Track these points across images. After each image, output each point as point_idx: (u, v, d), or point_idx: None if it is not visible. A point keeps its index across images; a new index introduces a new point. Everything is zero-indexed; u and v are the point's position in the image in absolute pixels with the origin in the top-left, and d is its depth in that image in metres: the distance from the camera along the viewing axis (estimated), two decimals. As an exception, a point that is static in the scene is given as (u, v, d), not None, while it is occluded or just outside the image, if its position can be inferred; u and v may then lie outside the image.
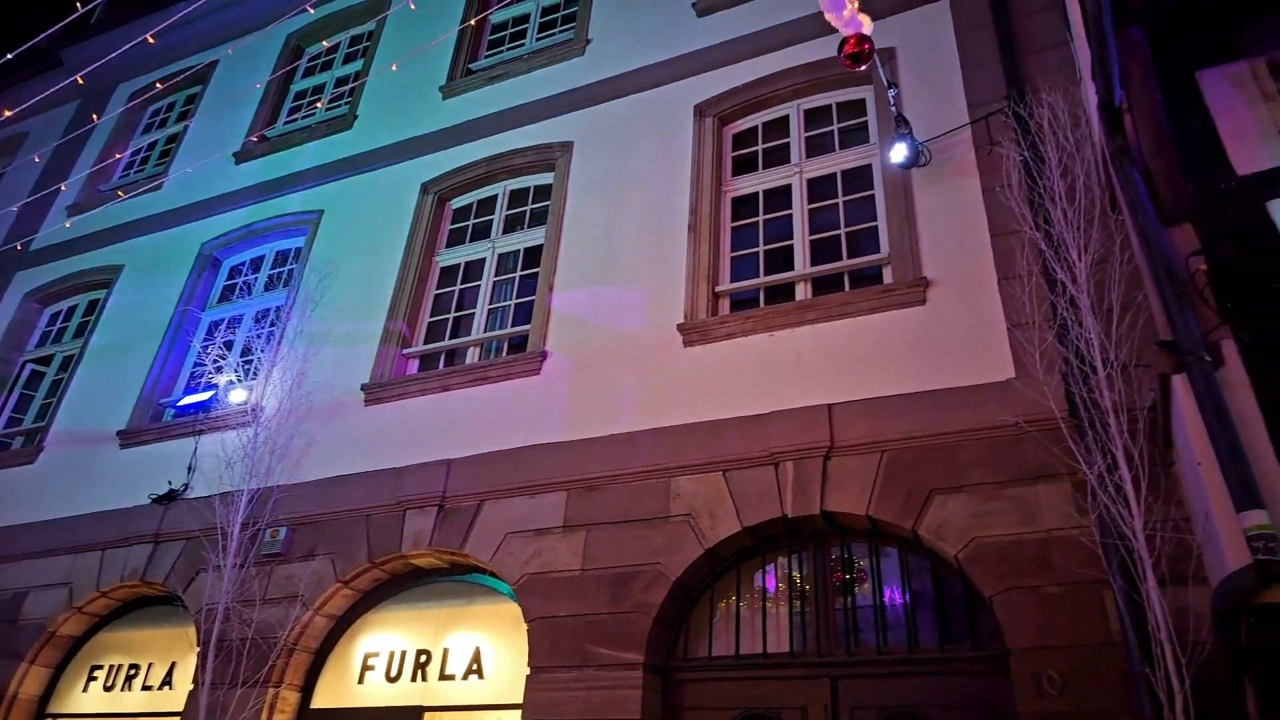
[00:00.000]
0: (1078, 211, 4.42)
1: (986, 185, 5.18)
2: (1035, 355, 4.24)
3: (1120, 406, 3.82)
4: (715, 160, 6.35)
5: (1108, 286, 4.19)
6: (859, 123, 6.16)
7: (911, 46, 6.07)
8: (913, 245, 5.19)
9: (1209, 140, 3.91)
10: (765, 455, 4.80)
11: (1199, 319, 3.49)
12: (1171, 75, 4.09)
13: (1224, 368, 3.34)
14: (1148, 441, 3.77)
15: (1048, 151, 4.71)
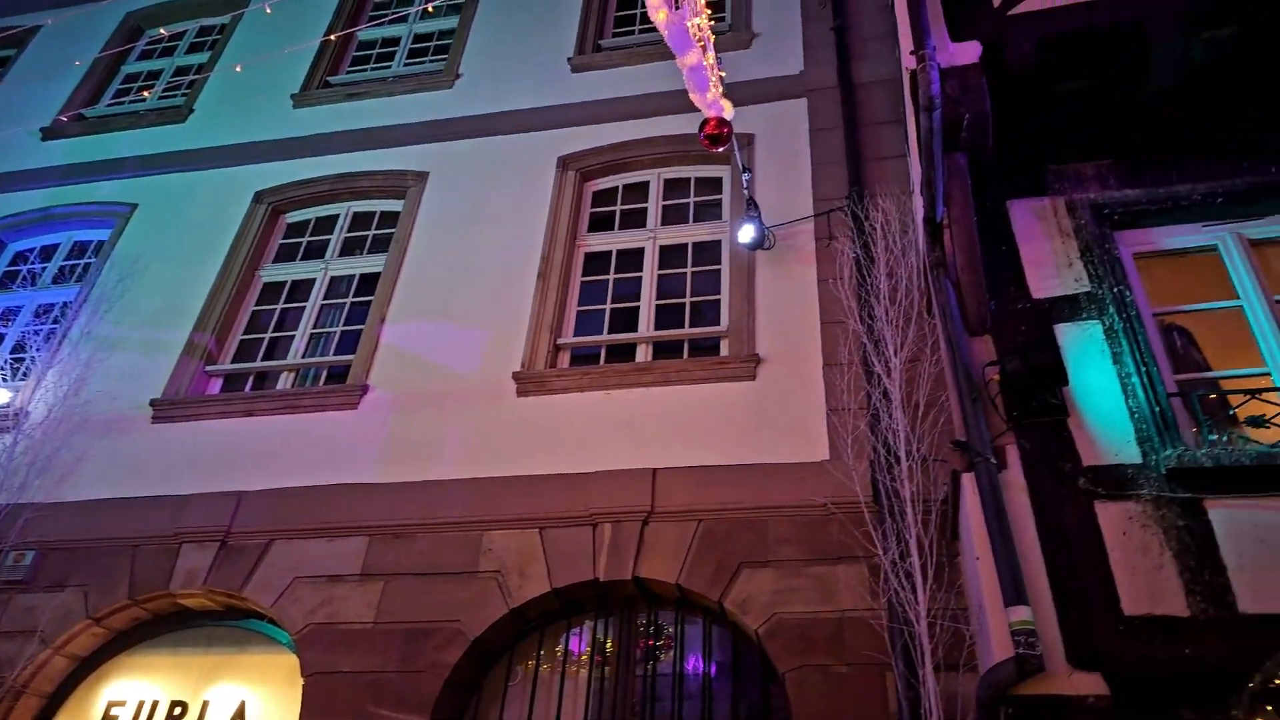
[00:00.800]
0: (898, 311, 4.77)
1: (822, 275, 5.50)
2: (848, 440, 4.49)
3: (917, 497, 4.08)
4: (573, 213, 6.40)
5: (917, 384, 4.51)
6: (714, 199, 6.42)
7: (769, 136, 6.44)
8: (750, 322, 5.41)
9: (1013, 263, 4.36)
10: (585, 515, 4.74)
11: (989, 424, 3.82)
12: (987, 201, 4.54)
13: (1006, 470, 3.65)
14: (938, 532, 4.04)
15: (878, 252, 5.07)
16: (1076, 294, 4.09)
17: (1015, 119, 4.38)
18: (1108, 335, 3.89)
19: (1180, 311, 4.07)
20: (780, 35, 7.07)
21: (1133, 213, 4.29)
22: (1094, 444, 3.60)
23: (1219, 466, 3.31)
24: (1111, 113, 4.32)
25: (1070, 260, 4.23)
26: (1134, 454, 3.51)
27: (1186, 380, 3.82)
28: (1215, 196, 4.17)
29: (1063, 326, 4.02)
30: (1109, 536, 3.32)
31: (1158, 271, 4.29)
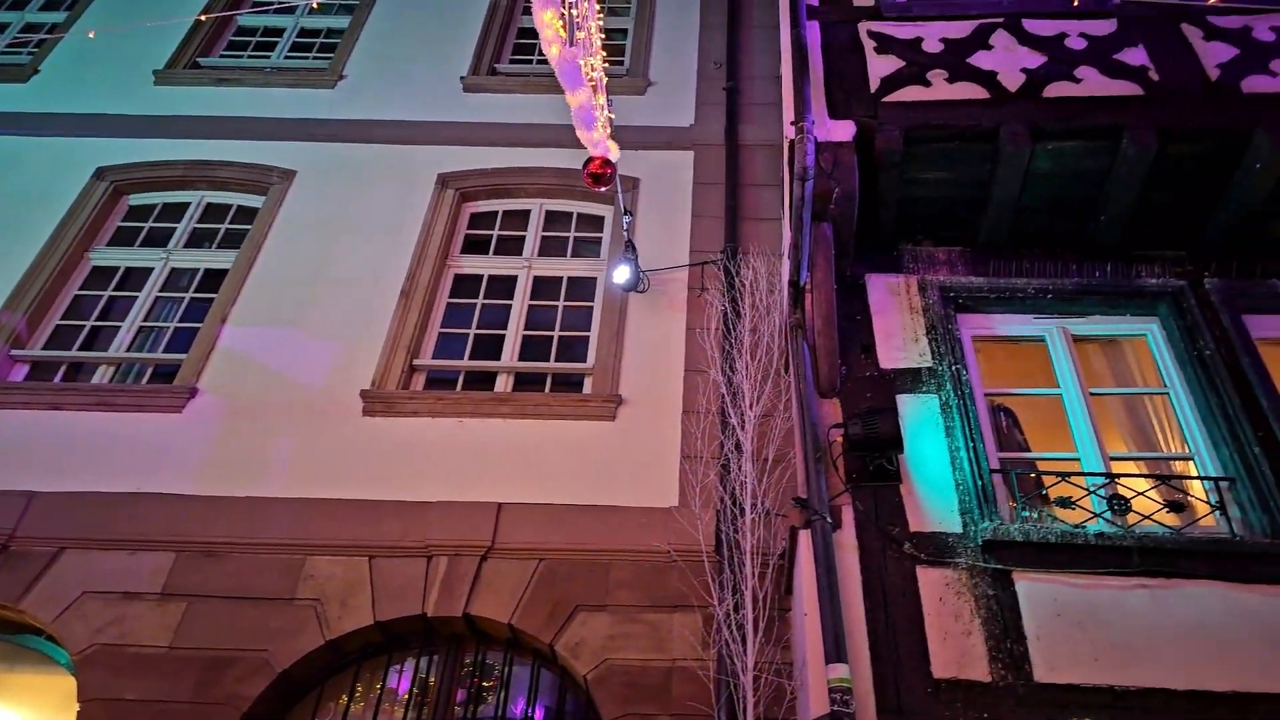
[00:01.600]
0: (758, 366, 4.90)
1: (690, 324, 5.60)
2: (697, 489, 4.53)
3: (758, 550, 4.16)
4: (448, 233, 6.26)
5: (768, 438, 4.63)
6: (594, 237, 6.45)
7: (654, 183, 6.55)
8: (616, 363, 5.41)
9: (866, 332, 4.58)
10: (420, 546, 4.54)
11: (830, 483, 3.96)
12: (848, 271, 4.78)
13: (840, 530, 3.78)
14: (773, 586, 4.12)
15: (744, 308, 5.22)
16: (919, 368, 4.34)
17: (880, 198, 4.65)
18: (943, 409, 4.14)
19: (1008, 394, 4.39)
20: (675, 88, 7.27)
21: (975, 298, 4.62)
22: (921, 511, 3.79)
23: (1028, 541, 3.55)
24: (965, 204, 4.66)
25: (917, 336, 4.50)
26: (955, 524, 3.72)
27: (1008, 458, 4.11)
28: (1046, 292, 4.56)
29: (904, 397, 4.24)
30: (927, 601, 3.48)
31: (992, 354, 4.63)
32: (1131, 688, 3.18)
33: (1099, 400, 4.29)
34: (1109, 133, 4.27)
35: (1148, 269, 4.55)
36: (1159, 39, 4.66)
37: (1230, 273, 4.46)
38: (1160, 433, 4.22)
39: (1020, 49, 4.76)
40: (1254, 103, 4.24)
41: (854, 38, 5.02)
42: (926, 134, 4.45)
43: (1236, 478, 3.74)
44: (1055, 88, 4.50)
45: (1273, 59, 4.44)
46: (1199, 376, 4.08)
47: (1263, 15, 4.66)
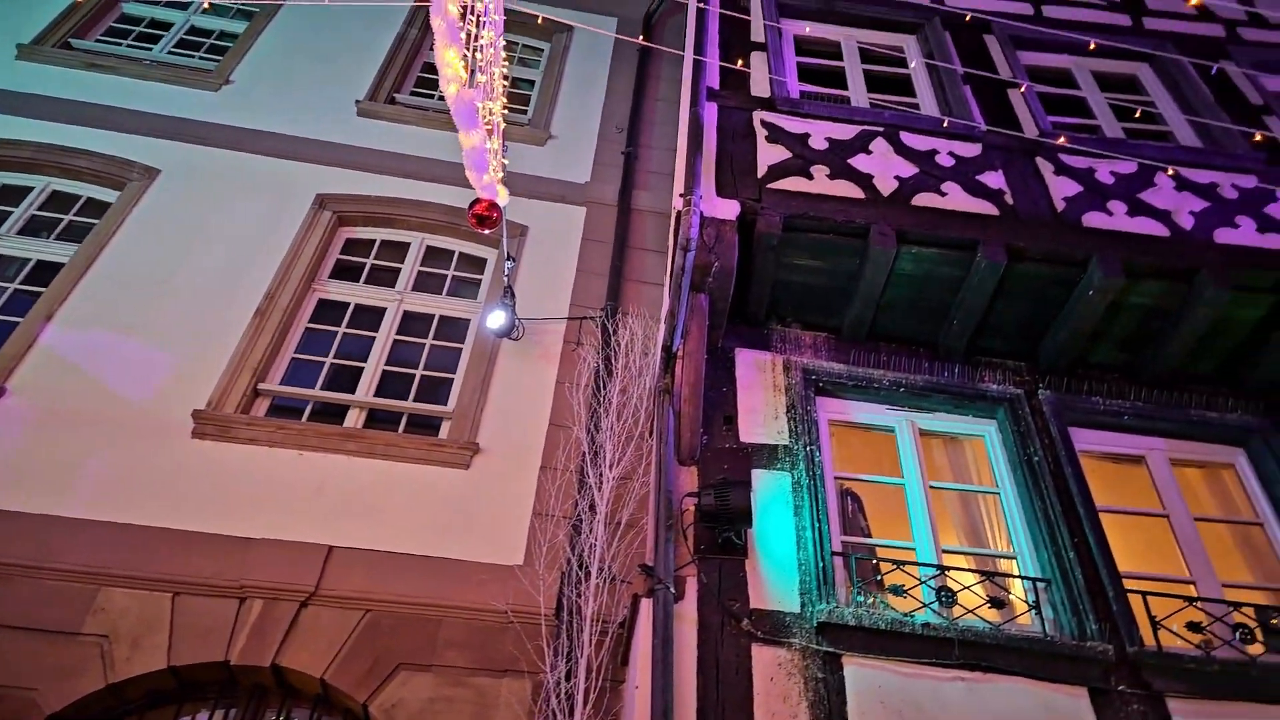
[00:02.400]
0: (622, 427, 4.87)
1: (560, 378, 5.52)
2: (544, 547, 4.39)
3: (598, 616, 4.05)
4: (318, 255, 5.98)
5: (624, 502, 4.57)
6: (474, 278, 6.32)
7: (543, 232, 6.53)
8: (477, 410, 5.25)
9: (730, 405, 4.64)
10: (234, 586, 4.16)
11: (678, 553, 3.92)
12: (719, 344, 4.86)
13: (682, 601, 3.73)
14: (610, 656, 4.01)
15: (617, 368, 5.21)
16: (776, 445, 4.41)
17: (756, 277, 4.79)
18: (794, 488, 4.21)
19: (856, 479, 4.52)
20: (575, 144, 7.34)
21: (835, 384, 4.78)
22: (763, 588, 3.80)
23: (860, 626, 3.61)
24: (833, 293, 4.86)
25: (778, 413, 4.59)
26: (794, 603, 3.74)
27: (850, 542, 4.20)
28: (900, 386, 4.77)
29: (760, 472, 4.29)
30: (759, 680, 3.45)
31: (846, 439, 4.78)
32: (943, 781, 3.24)
33: (938, 493, 4.48)
34: (966, 245, 4.58)
35: (991, 375, 4.85)
36: (1016, 167, 5.09)
37: (1062, 387, 4.81)
38: (990, 530, 4.43)
39: (896, 158, 5.08)
40: (1092, 235, 4.65)
41: (748, 124, 5.23)
42: (804, 223, 4.64)
43: (1052, 579, 3.96)
44: (923, 197, 4.81)
45: (1111, 199, 4.92)
46: (1027, 480, 4.33)
47: (1105, 160, 5.17)
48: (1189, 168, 5.16)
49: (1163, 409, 4.74)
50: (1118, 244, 4.58)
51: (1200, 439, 4.72)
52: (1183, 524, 4.30)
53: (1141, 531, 4.45)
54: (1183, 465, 4.70)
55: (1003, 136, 5.27)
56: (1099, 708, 3.51)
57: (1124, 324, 4.73)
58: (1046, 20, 6.40)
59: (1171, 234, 4.71)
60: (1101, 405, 4.74)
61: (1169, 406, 4.76)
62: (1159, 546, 4.34)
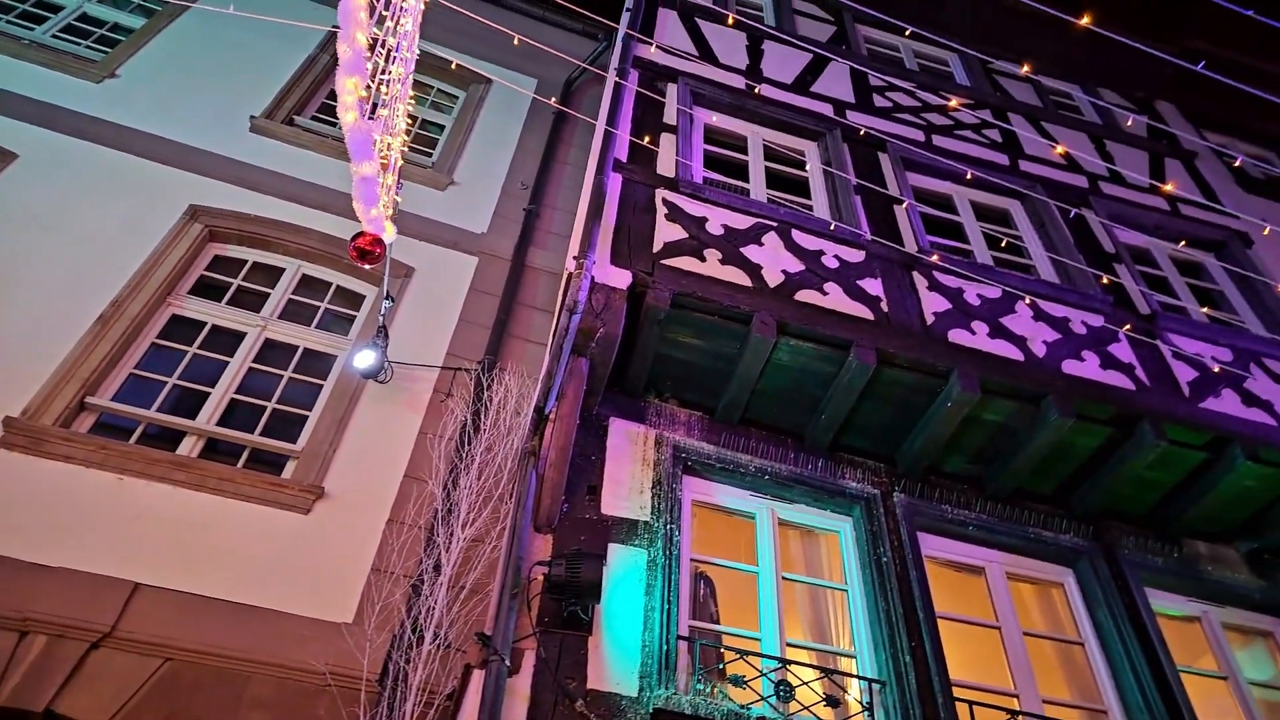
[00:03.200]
0: (482, 486, 4.74)
1: (424, 428, 5.35)
2: (377, 606, 4.17)
3: (425, 685, 3.84)
4: (180, 268, 5.66)
5: (472, 564, 4.41)
6: (348, 314, 6.12)
7: (429, 277, 6.42)
8: (329, 452, 5.01)
9: (597, 474, 4.62)
10: (15, 618, 3.73)
11: (520, 624, 3.80)
12: (595, 412, 4.87)
13: (517, 676, 3.60)
14: (433, 730, 3.79)
15: (485, 425, 5.10)
16: (637, 520, 4.40)
17: (639, 349, 4.85)
18: (649, 567, 4.18)
19: (712, 563, 4.55)
20: (476, 194, 7.33)
21: (703, 464, 4.84)
22: (603, 668, 3.71)
23: (695, 716, 3.57)
24: (712, 374, 4.97)
25: (643, 488, 4.59)
26: (633, 687, 3.67)
27: (698, 627, 4.19)
28: (765, 473, 4.88)
29: (617, 547, 4.25)
30: (584, 767, 3.34)
31: (707, 521, 4.82)
32: None
33: (789, 585, 4.56)
34: (841, 344, 4.80)
35: (852, 472, 5.04)
36: (894, 278, 5.42)
37: (915, 492, 5.04)
38: (834, 627, 4.52)
39: (785, 253, 5.32)
40: (955, 351, 4.97)
41: (650, 200, 5.38)
42: (692, 302, 4.75)
43: (888, 682, 4.05)
44: (806, 294, 5.03)
45: (975, 320, 5.29)
46: (874, 580, 4.47)
47: (973, 283, 5.59)
48: (1046, 300, 5.63)
49: (1004, 524, 5.03)
50: (977, 362, 4.91)
51: (1035, 556, 5.02)
52: (1012, 637, 4.52)
53: (974, 640, 4.64)
54: (1017, 580, 4.97)
55: (885, 247, 5.61)
56: None
57: (976, 437, 5.04)
58: (935, 148, 6.95)
59: (1026, 359, 5.09)
60: (950, 514, 4.99)
61: (1010, 522, 5.06)
62: (989, 657, 4.54)
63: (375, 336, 5.49)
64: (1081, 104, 8.86)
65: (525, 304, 6.61)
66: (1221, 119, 9.50)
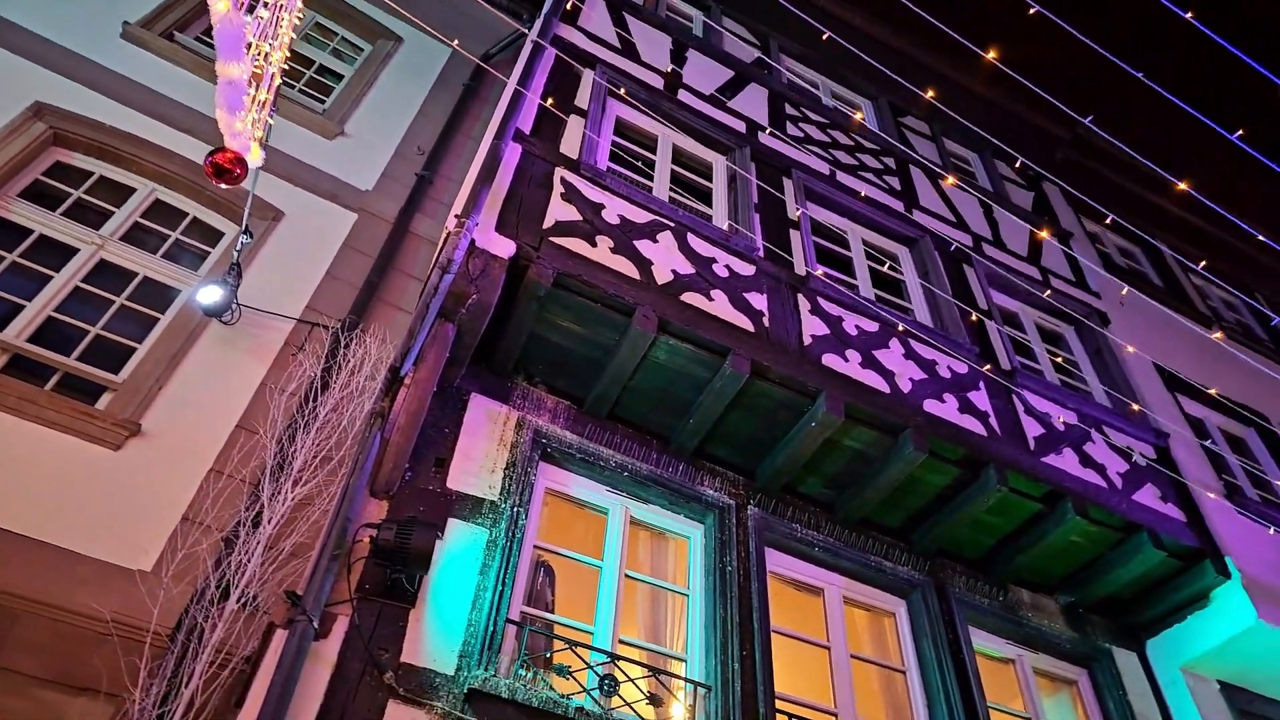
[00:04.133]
0: (321, 447, 4.54)
1: (268, 380, 5.10)
2: (179, 554, 3.91)
3: (224, 646, 3.62)
4: (14, 167, 5.24)
5: (296, 527, 4.21)
6: (202, 249, 5.78)
7: (300, 225, 6.15)
8: (154, 389, 4.70)
9: (448, 448, 4.50)
10: None
11: (337, 589, 3.64)
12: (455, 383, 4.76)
13: (324, 641, 3.44)
14: (224, 695, 3.56)
15: (335, 385, 4.90)
16: (484, 499, 4.31)
17: (512, 326, 4.79)
18: (488, 546, 4.10)
19: (556, 552, 4.50)
20: (367, 150, 7.11)
21: (563, 453, 4.81)
22: (421, 643, 3.60)
23: (511, 700, 3.50)
24: (585, 364, 4.96)
25: (495, 468, 4.51)
26: (450, 665, 3.57)
27: (530, 613, 4.13)
28: (624, 470, 4.89)
29: (457, 522, 4.15)
30: (384, 739, 3.22)
31: (558, 510, 4.79)
32: None
33: (631, 584, 4.57)
34: (719, 350, 4.88)
35: (711, 481, 5.13)
36: (779, 296, 5.59)
37: (770, 508, 5.18)
38: (670, 630, 4.56)
39: (678, 254, 5.40)
40: (827, 374, 5.16)
41: (547, 177, 5.36)
42: (576, 285, 4.73)
43: (714, 687, 4.11)
44: (692, 296, 5.12)
45: (850, 348, 5.52)
46: (716, 587, 4.54)
47: (853, 314, 5.83)
48: (918, 342, 5.94)
49: (849, 549, 5.24)
50: (846, 388, 5.11)
51: (873, 584, 5.25)
52: (840, 658, 4.70)
53: (804, 657, 4.79)
54: (853, 605, 5.18)
55: (775, 266, 5.79)
56: None
57: (834, 462, 5.23)
58: (837, 183, 7.26)
59: (891, 392, 5.34)
60: (799, 533, 5.15)
61: (854, 549, 5.28)
62: (815, 674, 4.70)
63: (227, 273, 5.21)
64: (977, 171, 9.48)
65: (402, 270, 6.43)
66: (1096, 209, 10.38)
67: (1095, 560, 5.63)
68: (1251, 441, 7.66)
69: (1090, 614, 5.84)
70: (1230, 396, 7.71)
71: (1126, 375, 7.04)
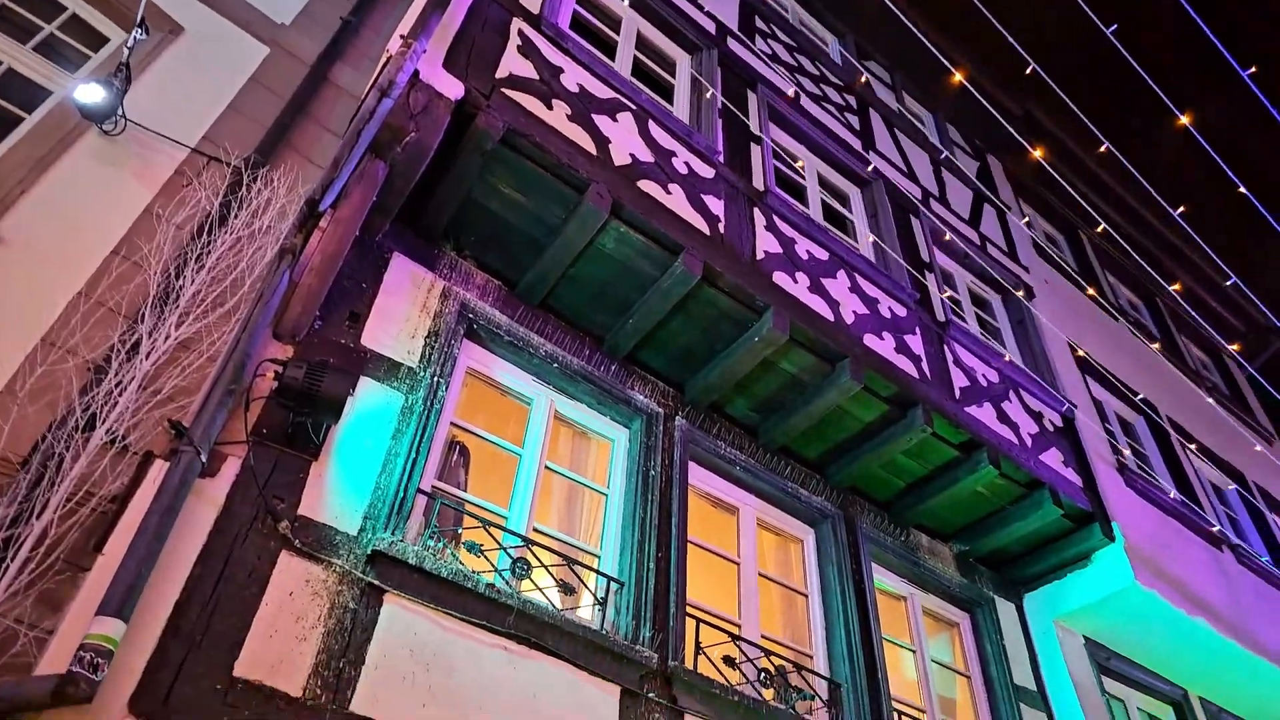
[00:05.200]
0: (214, 286, 4.15)
1: (155, 205, 4.61)
2: (36, 373, 3.49)
3: (84, 481, 3.25)
4: None
5: (180, 366, 3.83)
6: (82, 51, 5.12)
7: (201, 46, 5.52)
8: (15, 193, 4.16)
9: (365, 302, 4.20)
10: None
11: (230, 427, 3.34)
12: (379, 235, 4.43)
13: (212, 480, 3.15)
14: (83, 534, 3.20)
15: (235, 222, 4.49)
16: (401, 363, 4.05)
17: (450, 184, 4.48)
18: (404, 412, 3.86)
19: (475, 433, 4.30)
20: (292, -19, 6.49)
21: (490, 333, 4.57)
22: (322, 498, 3.36)
23: (419, 567, 3.32)
24: (525, 242, 4.71)
25: (415, 334, 4.25)
26: (353, 525, 3.35)
27: (441, 488, 3.93)
28: (553, 361, 4.70)
29: (370, 380, 3.89)
30: (275, 591, 2.98)
31: (478, 392, 4.57)
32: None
33: (549, 476, 4.43)
34: (672, 247, 4.72)
35: (643, 386, 5.02)
36: (736, 206, 5.47)
37: (697, 422, 5.14)
38: (584, 525, 4.47)
39: (638, 139, 5.18)
40: (776, 291, 5.10)
41: (504, 25, 5.01)
42: (527, 146, 4.43)
43: (626, 584, 4.07)
44: (650, 186, 4.92)
45: (800, 271, 5.48)
46: (638, 489, 4.47)
47: (806, 238, 5.80)
48: (864, 278, 5.98)
49: (768, 473, 5.29)
50: (794, 308, 5.07)
51: (786, 510, 5.35)
52: (748, 575, 4.78)
53: (714, 571, 4.82)
54: (765, 528, 5.25)
55: (735, 175, 5.67)
56: (624, 708, 3.63)
57: (766, 384, 5.21)
58: (801, 108, 7.18)
59: (835, 321, 5.35)
60: (722, 450, 5.14)
61: (772, 474, 5.32)
62: (723, 588, 4.74)
63: (114, 74, 4.65)
64: (929, 130, 9.62)
65: (316, 120, 5.91)
66: (1033, 192, 10.78)
67: (994, 513, 5.91)
68: (1139, 428, 8.20)
69: (979, 564, 6.17)
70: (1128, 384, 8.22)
71: (1044, 348, 7.35)
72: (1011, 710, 5.32)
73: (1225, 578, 6.75)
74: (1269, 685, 6.49)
